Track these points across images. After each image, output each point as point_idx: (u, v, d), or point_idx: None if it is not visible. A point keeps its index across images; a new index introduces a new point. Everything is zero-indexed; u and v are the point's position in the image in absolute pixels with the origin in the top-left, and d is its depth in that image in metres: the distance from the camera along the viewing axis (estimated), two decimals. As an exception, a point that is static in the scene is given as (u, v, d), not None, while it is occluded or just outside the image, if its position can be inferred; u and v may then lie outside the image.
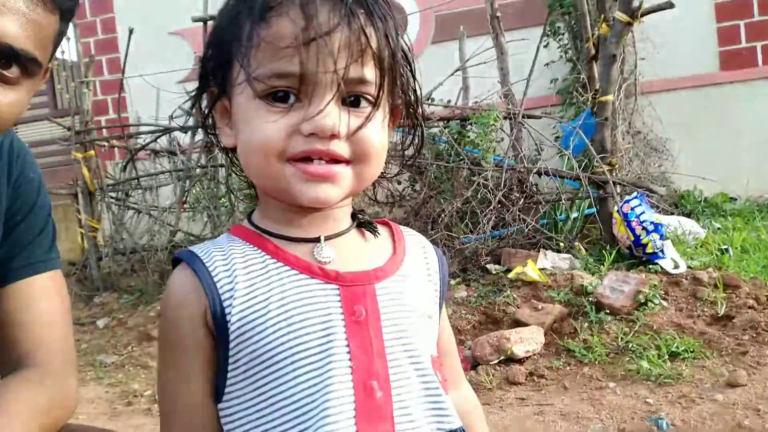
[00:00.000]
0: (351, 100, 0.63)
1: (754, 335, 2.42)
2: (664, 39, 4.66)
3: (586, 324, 2.62)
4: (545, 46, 4.58)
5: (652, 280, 2.83)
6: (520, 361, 2.45)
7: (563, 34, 4.88)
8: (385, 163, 0.71)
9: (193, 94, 0.73)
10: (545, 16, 4.74)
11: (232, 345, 0.63)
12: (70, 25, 0.82)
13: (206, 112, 0.71)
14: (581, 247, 3.39)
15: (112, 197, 4.68)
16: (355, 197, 0.75)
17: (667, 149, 4.63)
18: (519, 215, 3.15)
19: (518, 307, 2.77)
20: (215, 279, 0.65)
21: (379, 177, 0.71)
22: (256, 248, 0.67)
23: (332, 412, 0.60)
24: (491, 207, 3.02)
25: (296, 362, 0.62)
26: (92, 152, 4.25)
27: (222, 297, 0.64)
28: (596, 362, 2.41)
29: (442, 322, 0.76)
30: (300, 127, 0.62)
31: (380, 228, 0.74)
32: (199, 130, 4.58)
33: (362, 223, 0.72)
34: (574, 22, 4.71)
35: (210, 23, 5.02)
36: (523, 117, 3.31)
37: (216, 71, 0.68)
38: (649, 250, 3.12)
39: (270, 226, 0.69)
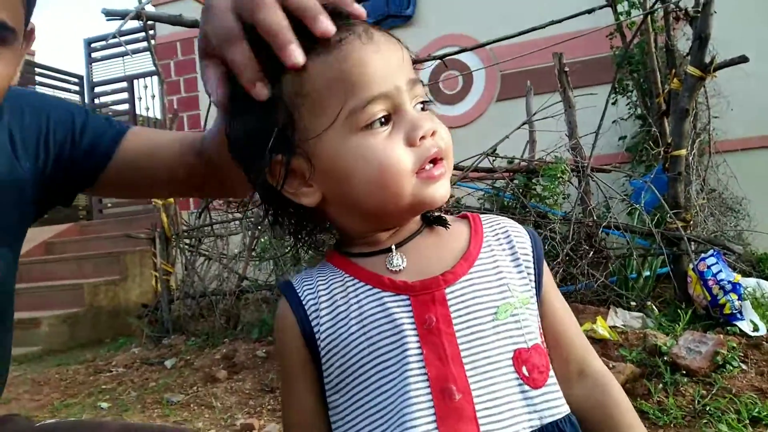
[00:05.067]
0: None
1: None
2: (737, 95, 4.55)
3: (661, 385, 2.50)
4: (613, 103, 4.56)
5: (731, 341, 2.68)
6: (590, 419, 2.35)
7: (631, 92, 4.85)
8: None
9: (257, 174, 0.69)
10: (612, 74, 4.75)
11: (323, 361, 0.68)
12: (156, 83, 0.83)
13: (283, 180, 0.68)
14: (653, 306, 3.27)
15: (186, 243, 4.89)
16: None
17: (744, 209, 4.45)
18: (587, 270, 3.08)
19: (587, 364, 2.67)
20: (304, 304, 0.70)
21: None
22: (338, 270, 0.71)
23: (410, 416, 0.63)
24: (558, 260, 2.97)
25: (375, 372, 0.66)
26: (171, 200, 4.46)
27: (310, 318, 0.69)
28: (672, 425, 2.28)
29: (551, 305, 0.74)
30: (411, 135, 0.65)
31: (458, 222, 0.75)
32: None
33: (432, 219, 0.73)
34: (643, 79, 4.68)
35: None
36: (591, 170, 3.28)
37: (267, 140, 0.66)
38: (726, 310, 2.97)
39: (352, 248, 0.73)
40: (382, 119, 0.65)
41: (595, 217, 3.20)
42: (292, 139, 0.66)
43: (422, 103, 0.68)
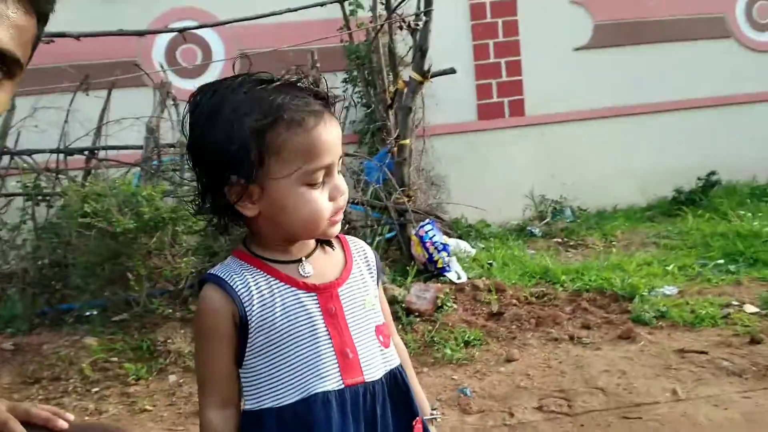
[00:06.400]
0: None
1: (519, 325, 3.25)
2: (442, 93, 5.62)
3: (400, 326, 3.23)
4: (344, 91, 5.26)
5: (445, 288, 3.55)
6: (354, 358, 2.95)
7: (359, 82, 5.59)
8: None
9: (205, 189, 1.01)
10: (343, 64, 5.43)
11: (250, 335, 0.99)
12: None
13: (237, 199, 0.97)
14: (386, 265, 4.03)
15: None
16: None
17: (444, 183, 5.58)
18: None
19: (345, 316, 3.27)
20: (237, 293, 1.00)
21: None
22: (260, 271, 1.03)
23: (324, 368, 0.98)
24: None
25: (293, 343, 1.00)
26: None
27: (243, 305, 1.00)
28: (412, 354, 3.00)
29: (380, 297, 1.17)
30: (333, 194, 0.99)
31: (334, 241, 1.11)
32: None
33: (322, 241, 1.10)
34: (368, 72, 5.45)
35: None
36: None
37: (238, 168, 0.94)
38: (439, 265, 3.86)
39: (267, 253, 1.05)
40: (321, 181, 0.98)
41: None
42: (257, 173, 0.96)
43: (339, 157, 1.02)
